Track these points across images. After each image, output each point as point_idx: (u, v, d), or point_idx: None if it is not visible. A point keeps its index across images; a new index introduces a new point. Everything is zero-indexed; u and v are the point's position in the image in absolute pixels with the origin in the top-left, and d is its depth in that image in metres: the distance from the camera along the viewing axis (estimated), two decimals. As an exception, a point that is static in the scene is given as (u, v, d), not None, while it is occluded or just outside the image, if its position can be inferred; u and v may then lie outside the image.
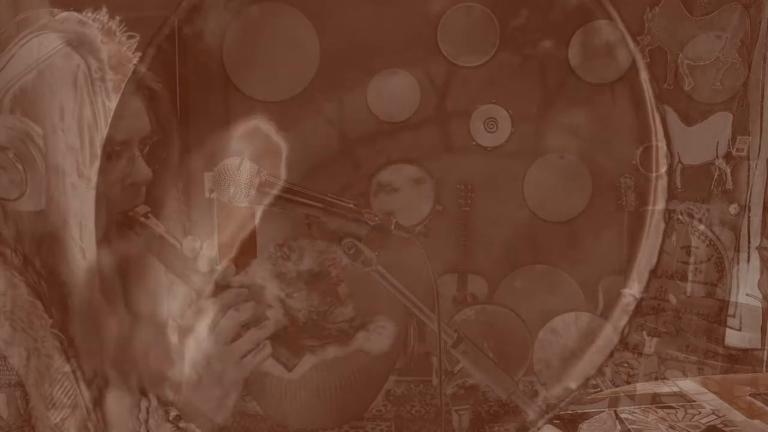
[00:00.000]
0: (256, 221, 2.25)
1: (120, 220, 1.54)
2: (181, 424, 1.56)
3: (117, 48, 1.55)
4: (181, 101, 2.08)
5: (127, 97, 1.53)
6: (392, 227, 1.69)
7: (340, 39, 2.24)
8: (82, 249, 1.50)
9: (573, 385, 2.27)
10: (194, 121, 2.21)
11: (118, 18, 1.55)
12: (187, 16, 2.11)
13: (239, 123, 1.95)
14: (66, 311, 1.48)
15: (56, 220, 1.46)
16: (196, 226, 2.17)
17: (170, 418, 1.54)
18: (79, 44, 1.49)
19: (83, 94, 1.47)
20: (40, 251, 1.45)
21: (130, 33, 1.57)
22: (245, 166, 1.62)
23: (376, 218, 1.69)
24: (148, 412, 1.56)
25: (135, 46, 1.58)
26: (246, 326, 1.58)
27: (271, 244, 2.30)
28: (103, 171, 1.49)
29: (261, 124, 1.92)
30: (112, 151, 1.50)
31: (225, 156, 1.68)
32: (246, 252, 2.26)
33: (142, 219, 1.55)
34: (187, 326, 1.58)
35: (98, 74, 1.50)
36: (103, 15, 1.54)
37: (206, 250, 1.58)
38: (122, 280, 1.59)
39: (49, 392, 1.44)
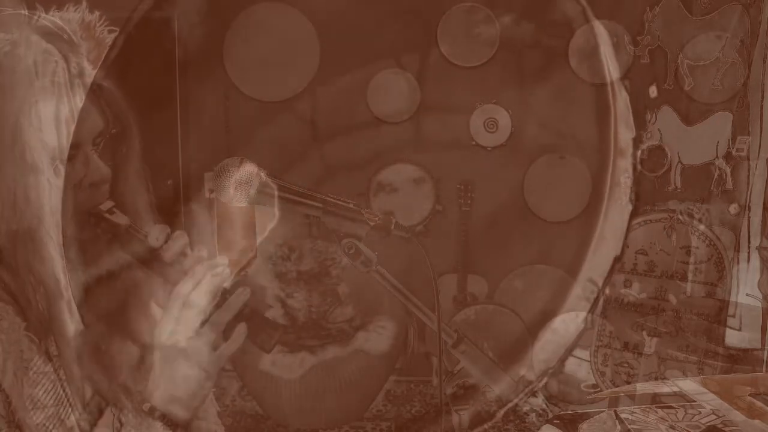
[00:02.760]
0: (256, 221, 2.25)
1: (84, 220, 1.52)
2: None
3: (96, 43, 1.54)
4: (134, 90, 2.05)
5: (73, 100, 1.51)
6: (392, 227, 1.69)
7: (340, 39, 2.24)
8: (60, 246, 1.49)
9: (531, 376, 2.28)
10: (194, 121, 2.21)
11: (97, 13, 1.54)
12: (156, 4, 2.09)
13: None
14: (42, 307, 1.47)
15: (32, 218, 1.45)
16: (196, 226, 2.17)
17: (145, 409, 1.50)
18: (57, 39, 1.48)
19: (61, 90, 1.46)
20: (15, 250, 1.44)
21: (110, 27, 1.57)
22: (245, 166, 1.62)
23: (376, 218, 1.69)
24: (120, 421, 1.54)
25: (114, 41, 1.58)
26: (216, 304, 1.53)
27: (271, 244, 2.30)
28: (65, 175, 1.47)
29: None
30: (67, 156, 1.48)
31: (225, 155, 1.68)
32: (246, 252, 2.27)
33: (107, 215, 1.53)
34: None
35: (76, 69, 1.49)
36: (82, 10, 1.53)
37: (176, 239, 1.55)
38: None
39: (30, 393, 1.43)
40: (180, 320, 1.49)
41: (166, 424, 1.50)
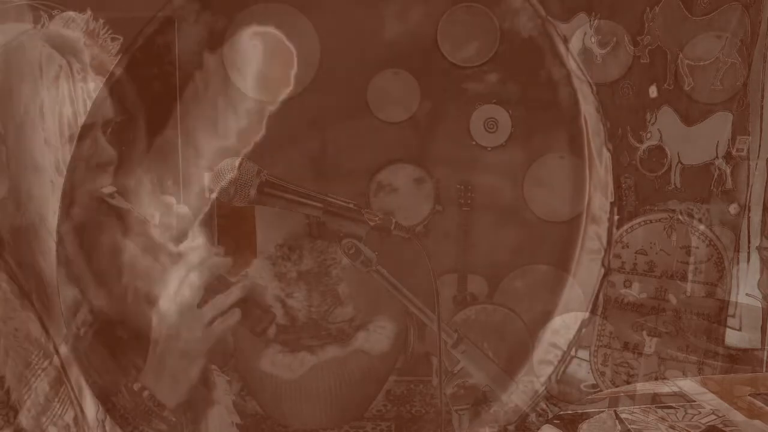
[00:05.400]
0: (256, 221, 2.25)
1: (85, 201, 1.55)
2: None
3: (99, 50, 1.56)
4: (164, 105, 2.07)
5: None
6: (392, 227, 1.69)
7: (340, 39, 2.24)
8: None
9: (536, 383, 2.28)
10: (194, 122, 2.21)
11: (101, 20, 1.55)
12: (161, 27, 2.10)
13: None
14: (43, 304, 1.49)
15: (34, 216, 1.47)
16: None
17: (135, 388, 1.54)
18: (62, 45, 1.50)
19: (64, 95, 1.48)
20: (17, 246, 1.46)
21: (113, 35, 1.58)
22: (245, 167, 1.62)
23: (376, 218, 1.69)
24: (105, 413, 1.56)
25: (118, 48, 1.60)
26: (212, 292, 1.57)
27: (271, 244, 2.30)
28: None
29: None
30: (75, 134, 1.51)
31: (224, 156, 1.68)
32: (246, 252, 2.27)
33: (108, 199, 1.56)
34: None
35: (80, 75, 1.51)
36: (87, 16, 1.54)
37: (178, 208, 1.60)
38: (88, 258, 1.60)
39: (57, 410, 1.45)
40: (184, 283, 1.54)
41: (155, 405, 1.54)
